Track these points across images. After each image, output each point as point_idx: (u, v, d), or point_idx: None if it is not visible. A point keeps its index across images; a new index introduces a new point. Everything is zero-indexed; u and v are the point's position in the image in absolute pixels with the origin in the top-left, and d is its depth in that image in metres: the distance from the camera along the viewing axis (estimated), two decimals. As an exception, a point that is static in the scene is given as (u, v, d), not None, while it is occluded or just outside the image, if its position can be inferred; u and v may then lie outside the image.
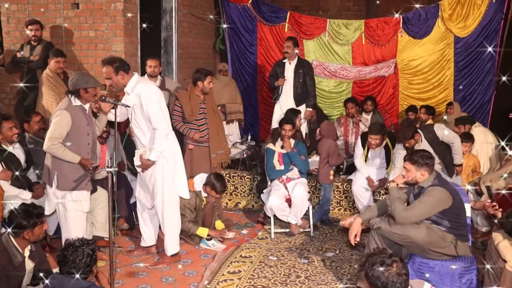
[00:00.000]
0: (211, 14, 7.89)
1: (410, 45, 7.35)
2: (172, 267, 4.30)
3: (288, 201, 5.08)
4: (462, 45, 7.18)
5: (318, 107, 7.20)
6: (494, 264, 3.49)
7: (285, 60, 6.37)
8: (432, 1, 7.41)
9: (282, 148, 5.27)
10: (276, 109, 6.52)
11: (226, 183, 5.15)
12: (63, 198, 3.89)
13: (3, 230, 3.24)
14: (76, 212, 3.93)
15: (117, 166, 3.72)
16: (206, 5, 7.95)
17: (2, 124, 4.34)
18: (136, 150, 4.28)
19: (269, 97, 7.43)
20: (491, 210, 3.71)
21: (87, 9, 6.12)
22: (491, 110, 7.25)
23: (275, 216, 5.09)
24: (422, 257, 3.61)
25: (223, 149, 5.46)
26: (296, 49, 6.27)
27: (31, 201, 3.94)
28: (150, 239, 4.58)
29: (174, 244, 4.37)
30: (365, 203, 5.34)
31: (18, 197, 4.22)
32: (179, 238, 4.46)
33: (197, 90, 5.20)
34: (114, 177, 3.53)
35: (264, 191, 5.39)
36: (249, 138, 6.81)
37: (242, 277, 4.13)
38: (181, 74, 7.28)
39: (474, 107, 7.32)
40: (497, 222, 3.66)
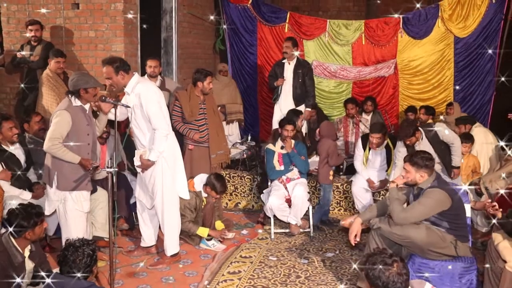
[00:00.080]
0: (211, 15, 7.88)
1: (410, 45, 7.35)
2: (172, 267, 4.30)
3: (288, 201, 5.09)
4: (462, 45, 7.17)
5: (318, 108, 7.21)
6: (494, 265, 3.49)
7: (285, 61, 6.36)
8: (432, 1, 7.41)
9: (282, 148, 5.27)
10: (276, 109, 6.51)
11: (226, 183, 5.15)
12: (63, 198, 3.89)
13: (3, 230, 3.24)
14: (76, 212, 3.93)
15: (117, 167, 3.72)
16: (206, 5, 7.95)
17: (2, 124, 4.34)
18: (136, 151, 4.28)
19: (269, 97, 7.43)
20: (491, 210, 3.72)
21: (87, 9, 6.12)
22: (491, 110, 7.25)
23: (275, 216, 5.09)
24: (422, 257, 3.62)
25: (223, 150, 5.46)
26: (295, 49, 6.26)
27: (28, 201, 3.94)
28: (150, 239, 4.59)
29: (174, 244, 4.37)
30: (365, 204, 5.33)
31: (18, 197, 4.23)
32: (179, 239, 4.46)
33: (197, 90, 5.20)
34: (114, 177, 3.53)
35: (264, 191, 5.40)
36: (249, 138, 6.80)
37: (242, 277, 4.13)
38: (181, 74, 7.27)
39: (474, 107, 7.32)
40: (496, 222, 3.66)
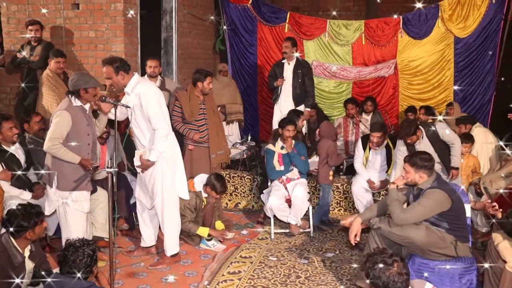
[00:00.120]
0: (211, 15, 7.88)
1: (410, 45, 7.35)
2: (172, 267, 4.30)
3: (288, 201, 5.09)
4: (462, 45, 7.17)
5: (319, 108, 7.21)
6: (494, 265, 3.48)
7: (284, 61, 6.36)
8: (432, 1, 7.41)
9: (282, 148, 5.27)
10: (275, 110, 6.51)
11: (226, 183, 5.15)
12: (63, 198, 3.89)
13: (3, 230, 3.24)
14: (76, 212, 3.93)
15: (117, 167, 3.72)
16: (206, 6, 7.95)
17: (2, 124, 4.34)
18: (136, 151, 4.28)
19: (269, 97, 7.43)
20: (491, 210, 3.72)
21: (87, 9, 6.12)
22: (491, 110, 7.25)
23: (275, 216, 5.09)
24: (422, 257, 3.62)
25: (223, 150, 5.46)
26: (294, 49, 6.26)
27: (27, 201, 3.93)
28: (150, 240, 4.59)
29: (174, 244, 4.37)
30: (365, 204, 5.33)
31: (18, 197, 4.23)
32: (179, 239, 4.46)
33: (196, 90, 5.20)
34: (114, 177, 3.53)
35: (264, 191, 5.40)
36: (249, 138, 6.80)
37: (242, 277, 4.13)
38: (181, 74, 7.27)
39: (474, 107, 7.32)
40: (496, 222, 3.66)
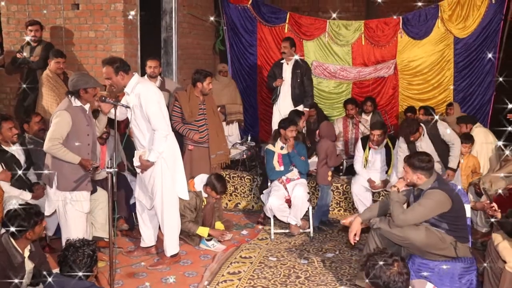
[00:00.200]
0: (211, 15, 7.88)
1: (410, 46, 7.35)
2: (172, 267, 4.30)
3: (288, 201, 5.09)
4: (461, 46, 7.17)
5: (319, 108, 7.21)
6: (494, 265, 3.49)
7: (283, 61, 6.36)
8: (432, 2, 7.41)
9: (281, 149, 5.27)
10: (275, 110, 6.51)
11: (226, 184, 5.14)
12: (63, 198, 3.89)
13: (3, 230, 3.24)
14: (76, 212, 3.92)
15: (117, 167, 3.72)
16: (206, 6, 7.95)
17: (2, 124, 4.34)
18: (136, 151, 4.28)
19: (268, 97, 7.43)
20: (490, 211, 3.72)
21: (87, 9, 6.12)
22: (491, 110, 7.25)
23: (275, 216, 5.09)
24: (422, 257, 3.62)
25: (223, 150, 5.45)
26: (293, 49, 6.26)
27: (25, 201, 3.94)
28: (150, 240, 4.59)
29: (173, 244, 4.37)
30: (364, 203, 5.34)
31: (18, 197, 4.22)
32: (179, 239, 4.46)
33: (196, 91, 5.20)
34: (114, 177, 3.53)
35: (264, 191, 5.40)
36: (249, 139, 6.80)
37: (242, 277, 4.13)
38: (181, 74, 7.27)
39: (474, 107, 7.31)
40: (495, 222, 3.66)
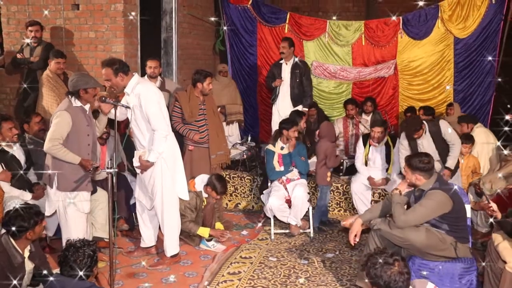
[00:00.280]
0: (211, 15, 7.88)
1: (410, 46, 7.35)
2: (172, 268, 4.30)
3: (288, 202, 5.09)
4: (462, 46, 7.17)
5: (319, 108, 7.21)
6: (494, 265, 3.49)
7: (282, 61, 6.36)
8: (432, 2, 7.42)
9: (282, 149, 5.28)
10: (274, 110, 6.51)
11: (227, 184, 5.15)
12: (64, 199, 3.88)
13: (3, 231, 3.24)
14: (76, 213, 3.93)
15: (117, 167, 3.72)
16: (206, 6, 7.95)
17: (2, 124, 4.35)
18: (136, 151, 4.28)
19: (268, 98, 7.43)
20: (488, 211, 3.72)
21: (87, 10, 6.12)
22: (491, 111, 7.25)
23: (275, 217, 5.09)
24: (422, 258, 3.62)
25: (223, 150, 5.45)
26: (292, 49, 6.26)
27: (25, 202, 3.94)
28: (150, 240, 4.59)
29: (173, 245, 4.37)
30: (364, 202, 5.35)
31: (18, 198, 4.22)
32: (179, 239, 4.46)
33: (196, 91, 5.19)
34: (114, 178, 3.53)
35: (264, 192, 5.40)
36: (249, 139, 6.80)
37: (242, 278, 4.13)
38: (181, 75, 7.27)
39: (474, 108, 7.31)
40: (494, 222, 3.66)
